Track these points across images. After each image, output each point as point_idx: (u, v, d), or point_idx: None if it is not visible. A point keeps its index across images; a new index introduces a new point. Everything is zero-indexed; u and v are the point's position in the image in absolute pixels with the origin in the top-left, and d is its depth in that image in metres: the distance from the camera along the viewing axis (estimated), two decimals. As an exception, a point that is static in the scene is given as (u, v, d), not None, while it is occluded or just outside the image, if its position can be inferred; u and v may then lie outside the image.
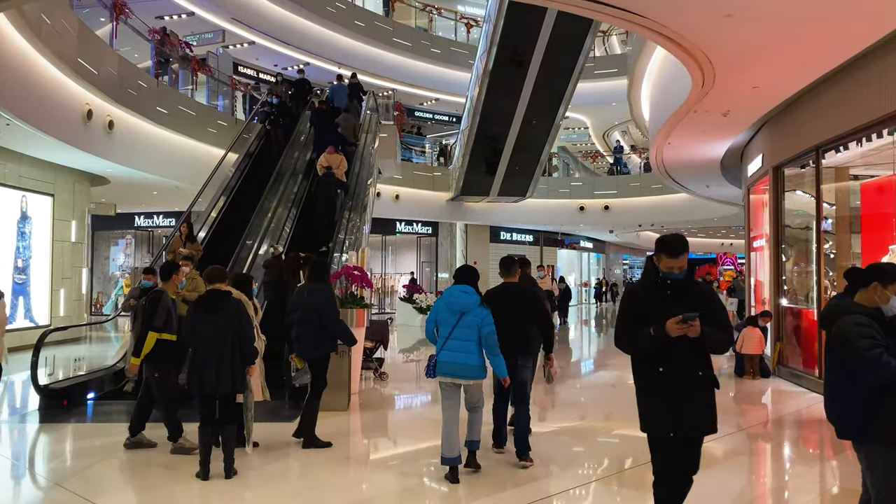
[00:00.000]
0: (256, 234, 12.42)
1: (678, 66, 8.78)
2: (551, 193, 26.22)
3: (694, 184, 15.74)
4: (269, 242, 11.90)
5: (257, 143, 14.23)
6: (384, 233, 26.63)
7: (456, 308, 4.99)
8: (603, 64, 26.44)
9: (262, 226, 12.58)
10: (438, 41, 25.16)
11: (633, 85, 11.43)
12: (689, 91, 8.03)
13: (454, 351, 4.93)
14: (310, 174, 14.04)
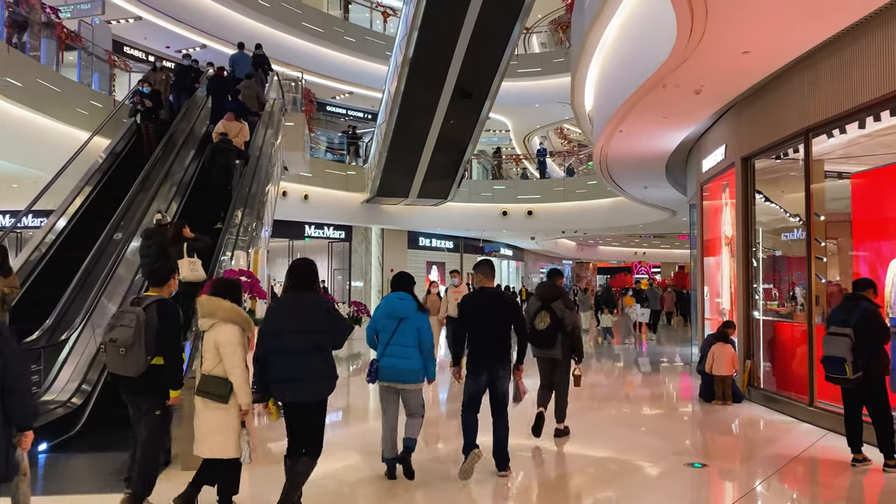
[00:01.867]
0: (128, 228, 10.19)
1: (643, 36, 7.31)
2: (473, 197, 24.73)
3: (633, 184, 14.52)
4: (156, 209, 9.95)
5: (126, 142, 11.76)
6: (291, 237, 24.34)
7: (395, 314, 5.19)
8: (527, 62, 25.25)
9: (134, 219, 10.33)
10: (353, 29, 23.23)
11: (579, 68, 9.93)
12: (662, 59, 6.54)
13: (395, 357, 5.12)
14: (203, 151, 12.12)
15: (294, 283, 4.31)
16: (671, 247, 48.73)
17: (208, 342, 4.15)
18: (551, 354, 6.53)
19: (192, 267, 7.59)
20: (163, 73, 12.99)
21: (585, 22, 8.52)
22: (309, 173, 20.61)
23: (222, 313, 4.15)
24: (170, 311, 4.41)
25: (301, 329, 4.11)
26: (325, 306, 4.28)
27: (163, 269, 4.76)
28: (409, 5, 17.27)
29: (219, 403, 4.04)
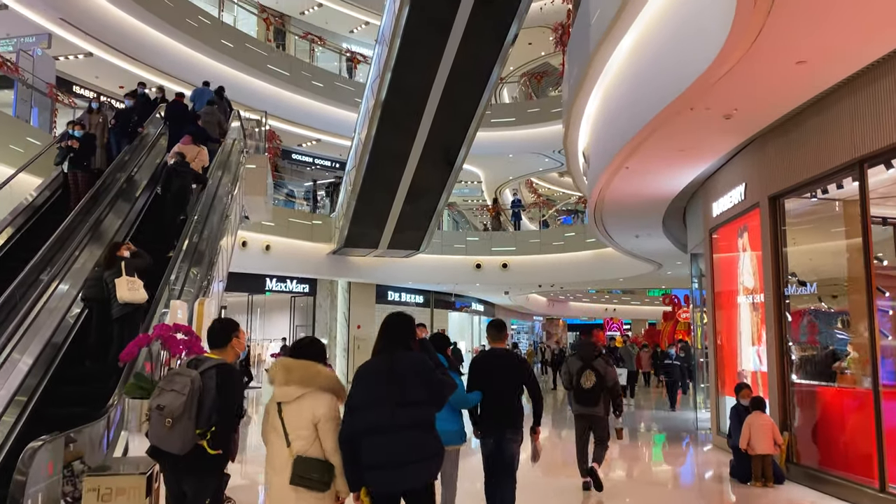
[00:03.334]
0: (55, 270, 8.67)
1: (669, 50, 6.27)
2: (446, 249, 23.54)
3: (624, 233, 13.47)
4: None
5: (51, 193, 9.95)
6: (251, 291, 22.78)
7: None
8: (500, 112, 24.51)
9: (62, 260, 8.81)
10: (321, 73, 22.22)
11: (577, 99, 8.90)
12: (697, 72, 5.48)
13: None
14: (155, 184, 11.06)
15: (389, 342, 3.61)
16: (641, 303, 48.08)
17: (298, 416, 3.33)
18: (594, 412, 6.79)
19: (132, 286, 7.05)
20: (100, 114, 11.28)
21: (591, 44, 7.49)
22: (271, 222, 19.26)
23: (322, 380, 3.38)
24: (232, 378, 3.78)
25: (402, 401, 3.35)
26: (430, 368, 3.52)
27: (221, 327, 3.94)
28: (381, 46, 16.34)
29: (316, 492, 3.29)
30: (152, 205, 11.06)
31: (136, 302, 7.07)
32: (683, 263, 18.14)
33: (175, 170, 10.23)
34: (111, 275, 7.20)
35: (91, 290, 7.61)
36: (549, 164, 27.59)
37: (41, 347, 7.32)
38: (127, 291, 7.01)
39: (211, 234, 10.27)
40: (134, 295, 7.05)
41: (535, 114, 24.16)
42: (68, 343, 7.77)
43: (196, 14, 17.89)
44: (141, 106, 12.02)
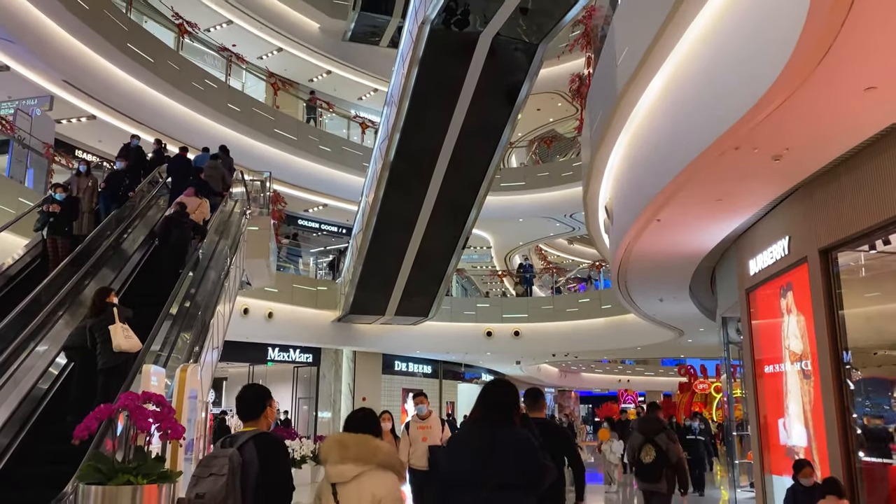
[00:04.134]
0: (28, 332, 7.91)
1: (710, 84, 5.67)
2: (455, 316, 22.70)
3: (647, 296, 12.68)
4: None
5: (30, 260, 9.22)
6: (252, 361, 21.90)
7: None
8: (510, 176, 24.15)
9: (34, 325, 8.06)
10: (328, 138, 21.96)
11: (601, 147, 8.31)
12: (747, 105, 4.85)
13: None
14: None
15: (489, 410, 3.26)
16: (655, 374, 46.63)
17: (357, 498, 2.96)
18: (656, 488, 6.75)
19: (126, 333, 6.69)
20: (89, 178, 10.62)
21: (617, 86, 6.92)
22: (274, 288, 18.55)
23: (381, 457, 3.01)
24: (277, 447, 3.40)
25: (499, 483, 3.01)
26: (534, 448, 3.15)
27: (255, 395, 3.61)
28: (390, 107, 16.01)
29: None
30: (149, 258, 10.59)
31: (132, 351, 6.66)
32: (707, 330, 17.25)
33: (174, 220, 9.97)
34: (99, 322, 6.79)
35: (74, 338, 7.15)
36: (560, 229, 27.05)
37: (16, 404, 6.63)
38: (123, 339, 6.64)
39: (206, 296, 9.55)
40: (130, 343, 6.68)
41: (544, 178, 23.75)
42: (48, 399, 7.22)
43: (202, 77, 17.72)
44: (135, 161, 11.50)
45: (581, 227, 26.70)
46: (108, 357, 6.68)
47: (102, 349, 6.72)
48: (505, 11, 12.96)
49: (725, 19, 5.29)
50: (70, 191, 9.85)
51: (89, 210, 10.30)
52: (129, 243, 10.55)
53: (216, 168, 12.89)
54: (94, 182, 10.64)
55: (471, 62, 13.98)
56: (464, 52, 13.84)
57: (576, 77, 11.77)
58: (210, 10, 20.44)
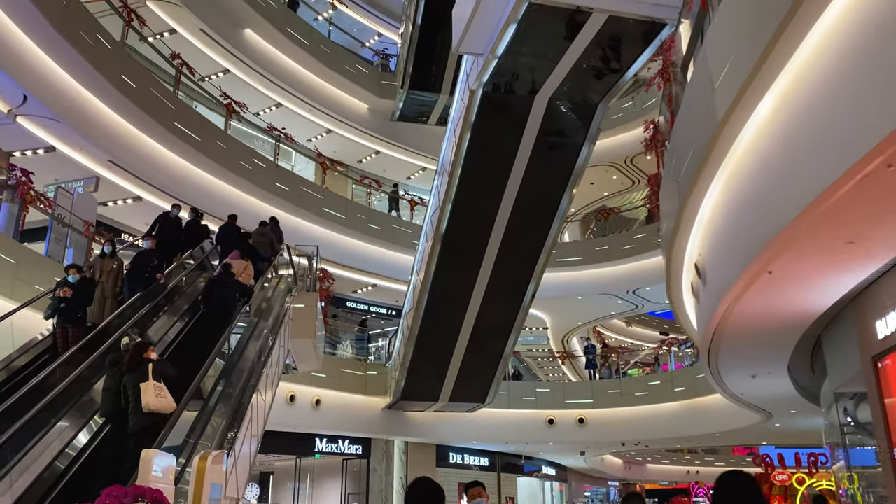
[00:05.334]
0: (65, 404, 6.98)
1: (848, 93, 4.57)
2: (514, 402, 21.13)
3: (739, 371, 11.14)
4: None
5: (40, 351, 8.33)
6: (299, 453, 20.57)
7: None
8: (567, 251, 22.97)
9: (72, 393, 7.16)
10: (377, 216, 21.36)
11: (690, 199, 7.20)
12: None
13: None
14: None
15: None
16: (726, 464, 43.19)
17: None
18: None
19: (159, 392, 6.41)
20: (114, 260, 9.86)
21: (716, 113, 5.87)
22: (322, 373, 17.48)
23: None
24: None
25: None
26: None
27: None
28: (441, 176, 15.27)
29: None
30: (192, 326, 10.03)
31: (163, 411, 6.33)
32: (799, 412, 15.39)
33: (217, 280, 9.84)
34: (134, 378, 6.47)
35: (107, 404, 6.81)
36: (623, 307, 25.53)
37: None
38: (154, 398, 6.32)
39: (243, 376, 8.54)
40: (161, 403, 6.36)
41: (603, 252, 22.56)
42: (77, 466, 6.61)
43: (250, 157, 17.41)
44: (172, 233, 10.83)
45: (646, 303, 25.18)
46: (137, 418, 6.32)
47: (134, 408, 6.37)
48: (561, 71, 12.23)
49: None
50: (85, 273, 9.08)
51: (112, 295, 9.41)
52: (159, 328, 9.65)
53: (265, 234, 12.87)
54: (119, 264, 9.81)
55: (526, 125, 13.21)
56: (518, 114, 13.10)
57: (649, 124, 10.78)
58: (259, 93, 20.46)
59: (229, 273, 10.00)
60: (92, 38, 12.58)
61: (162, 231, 11.18)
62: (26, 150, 13.41)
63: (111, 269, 9.60)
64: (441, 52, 20.93)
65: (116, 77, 13.22)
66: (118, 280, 9.59)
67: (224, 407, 7.44)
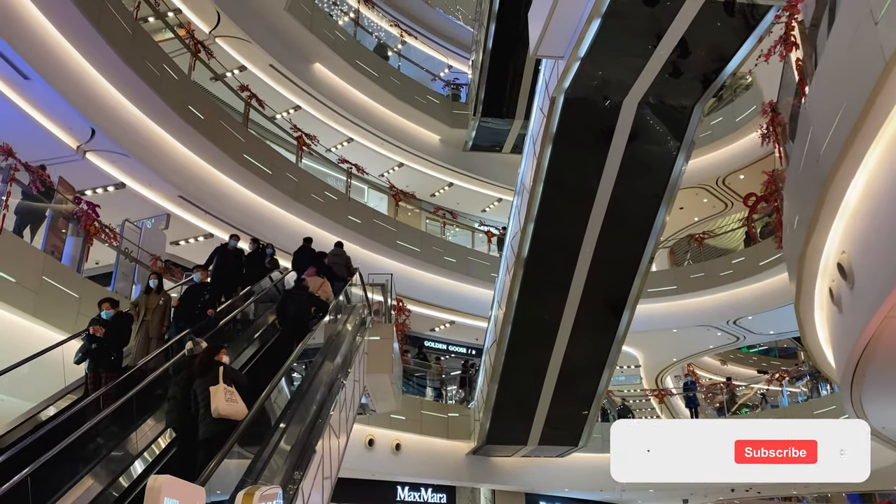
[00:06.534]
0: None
1: None
2: (608, 445, 19.27)
3: (889, 398, 9.37)
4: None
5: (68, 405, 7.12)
6: (381, 501, 19.34)
7: None
8: (659, 280, 21.32)
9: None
10: (453, 248, 20.41)
11: (834, 181, 5.89)
12: None
13: None
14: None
15: None
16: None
17: None
18: None
19: (230, 397, 6.09)
20: (160, 296, 8.86)
21: (886, 49, 4.60)
22: (401, 415, 16.41)
23: None
24: None
25: None
26: None
27: None
28: (520, 196, 14.22)
29: None
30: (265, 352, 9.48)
31: (234, 417, 5.98)
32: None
33: (291, 294, 9.68)
34: (204, 383, 6.15)
35: (173, 414, 6.45)
36: (722, 340, 23.47)
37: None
38: (224, 403, 5.97)
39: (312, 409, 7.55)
40: (232, 408, 6.01)
41: (699, 280, 20.81)
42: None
43: (322, 189, 16.87)
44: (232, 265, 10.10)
45: (748, 335, 23.09)
46: (207, 425, 5.96)
47: (203, 414, 6.03)
48: (651, 71, 11.11)
49: None
50: (121, 309, 8.09)
51: (158, 336, 8.44)
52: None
53: (340, 255, 12.88)
54: (166, 300, 8.83)
55: (614, 133, 12.06)
56: (604, 122, 11.98)
57: (767, 106, 9.44)
58: (330, 128, 20.11)
59: (303, 287, 9.74)
60: (158, 68, 12.33)
61: (220, 264, 10.48)
62: (97, 187, 13.19)
63: (157, 306, 8.61)
64: (514, 77, 20.13)
65: (184, 108, 12.92)
66: (165, 318, 8.65)
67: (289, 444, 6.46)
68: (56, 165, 11.82)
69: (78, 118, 11.52)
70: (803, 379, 20.10)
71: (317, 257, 11.94)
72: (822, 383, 18.98)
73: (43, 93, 10.87)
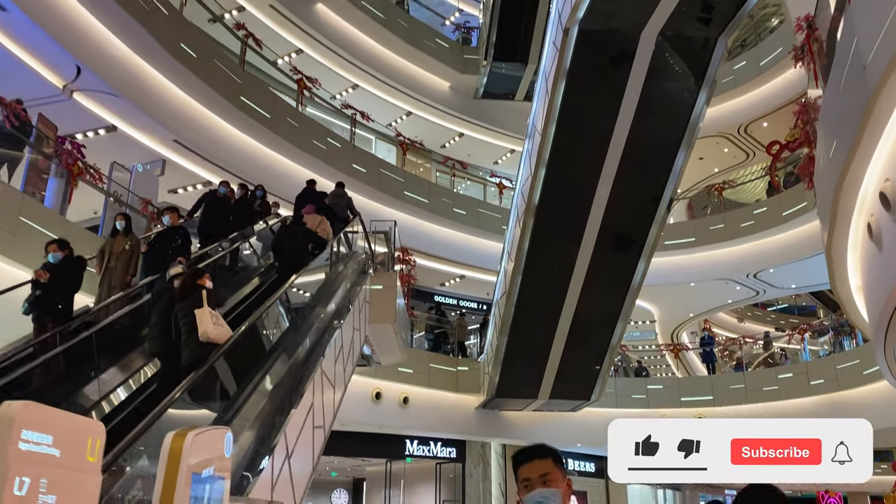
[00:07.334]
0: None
1: None
2: (622, 401, 18.96)
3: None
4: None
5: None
6: (390, 457, 19.14)
7: None
8: (676, 232, 20.58)
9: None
10: (463, 200, 19.75)
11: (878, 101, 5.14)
12: None
13: None
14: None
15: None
16: (859, 471, 38.81)
17: None
18: None
19: (216, 320, 5.90)
20: (127, 239, 7.79)
21: None
22: (409, 368, 15.99)
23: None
24: None
25: None
26: None
27: None
28: (531, 140, 13.48)
29: None
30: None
31: (220, 340, 5.74)
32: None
33: (287, 228, 9.53)
34: (187, 306, 5.91)
35: (156, 341, 6.26)
36: (742, 294, 22.74)
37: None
38: (212, 326, 5.74)
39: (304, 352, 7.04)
40: (219, 331, 5.81)
41: (719, 231, 20.02)
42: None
43: (325, 136, 16.19)
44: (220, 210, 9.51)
45: (768, 288, 22.33)
46: (191, 349, 5.72)
47: (186, 340, 5.79)
48: (670, 1, 10.24)
49: None
50: (72, 250, 7.06)
51: (120, 286, 7.54)
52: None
53: (342, 196, 12.52)
54: (133, 245, 7.86)
55: (631, 68, 11.23)
56: (622, 55, 11.14)
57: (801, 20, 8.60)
58: (335, 74, 19.30)
59: (300, 223, 9.61)
60: (146, 2, 11.62)
61: (208, 212, 9.86)
62: (87, 130, 12.61)
63: (123, 251, 7.66)
64: (527, 18, 19.19)
65: (175, 46, 12.24)
66: (130, 265, 7.73)
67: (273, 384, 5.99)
68: (43, 106, 11.26)
69: (61, 53, 10.91)
70: (826, 334, 19.42)
71: (318, 196, 11.64)
72: (845, 338, 18.32)
73: (21, 25, 10.24)
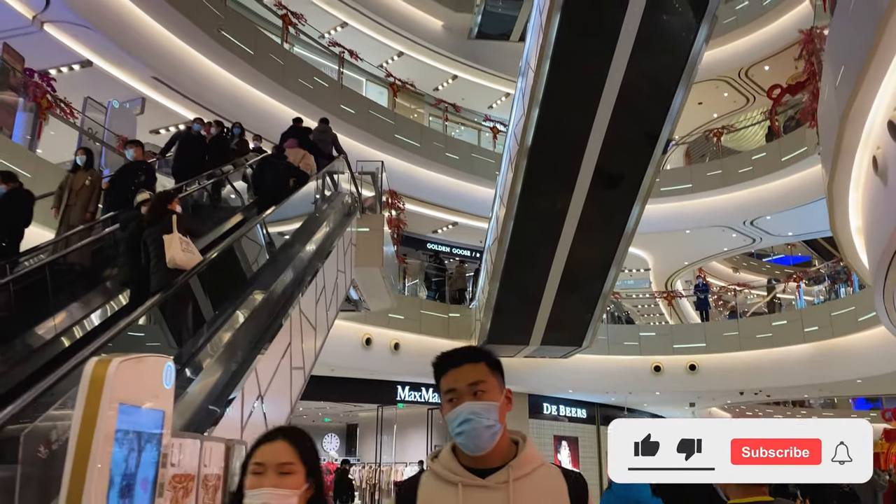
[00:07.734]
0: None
1: None
2: (614, 348, 18.86)
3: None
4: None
5: None
6: (381, 402, 19.14)
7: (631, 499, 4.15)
8: (673, 178, 20.18)
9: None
10: (456, 144, 19.26)
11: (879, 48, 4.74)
12: None
13: None
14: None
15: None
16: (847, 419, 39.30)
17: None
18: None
19: (185, 246, 5.66)
20: (88, 174, 7.42)
21: None
22: (399, 314, 15.79)
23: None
24: None
25: None
26: None
27: None
28: (524, 78, 12.98)
29: None
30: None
31: (188, 266, 5.55)
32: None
33: (268, 161, 9.32)
34: (156, 231, 5.71)
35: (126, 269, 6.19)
36: (737, 242, 22.47)
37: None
38: (181, 252, 5.54)
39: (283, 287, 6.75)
40: (188, 257, 5.60)
41: (716, 177, 19.62)
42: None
43: (311, 74, 15.61)
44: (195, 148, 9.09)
45: (765, 236, 22.06)
46: (160, 275, 5.53)
47: (155, 266, 5.61)
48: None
49: None
50: (20, 184, 6.63)
51: (81, 220, 7.18)
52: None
53: (326, 132, 12.16)
54: (94, 180, 7.46)
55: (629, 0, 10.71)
56: (619, -14, 10.60)
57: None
58: (322, 11, 18.58)
59: (282, 156, 9.32)
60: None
61: (182, 151, 9.42)
62: (61, 65, 12.08)
63: (83, 186, 7.27)
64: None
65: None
66: (90, 202, 7.36)
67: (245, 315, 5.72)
68: (12, 39, 10.73)
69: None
70: (822, 283, 19.23)
71: (302, 132, 11.31)
72: (840, 285, 18.13)
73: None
